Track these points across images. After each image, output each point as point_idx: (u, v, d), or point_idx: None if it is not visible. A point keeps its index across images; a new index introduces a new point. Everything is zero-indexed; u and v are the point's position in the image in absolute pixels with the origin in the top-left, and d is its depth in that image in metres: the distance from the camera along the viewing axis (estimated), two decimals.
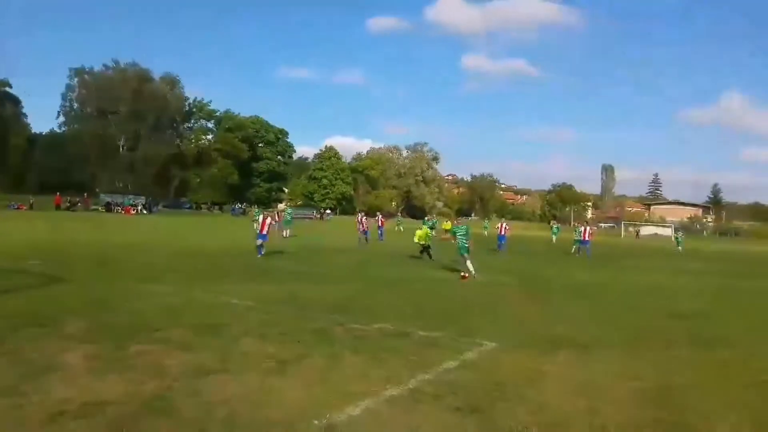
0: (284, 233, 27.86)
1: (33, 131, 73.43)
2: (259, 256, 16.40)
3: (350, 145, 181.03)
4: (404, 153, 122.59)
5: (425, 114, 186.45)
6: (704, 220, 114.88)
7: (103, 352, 5.50)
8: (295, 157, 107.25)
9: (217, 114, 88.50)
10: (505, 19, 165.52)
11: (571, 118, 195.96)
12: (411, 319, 8.20)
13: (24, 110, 69.28)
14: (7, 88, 60.70)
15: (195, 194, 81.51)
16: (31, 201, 48.39)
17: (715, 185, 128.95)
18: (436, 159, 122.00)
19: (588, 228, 27.49)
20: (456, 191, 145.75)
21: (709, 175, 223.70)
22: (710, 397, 5.23)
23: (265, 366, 5.37)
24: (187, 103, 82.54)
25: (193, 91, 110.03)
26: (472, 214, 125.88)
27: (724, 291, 15.03)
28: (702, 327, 8.88)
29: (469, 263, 13.82)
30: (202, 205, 78.40)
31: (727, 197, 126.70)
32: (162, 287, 9.92)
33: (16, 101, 64.35)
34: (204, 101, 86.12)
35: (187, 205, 77.69)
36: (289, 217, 30.66)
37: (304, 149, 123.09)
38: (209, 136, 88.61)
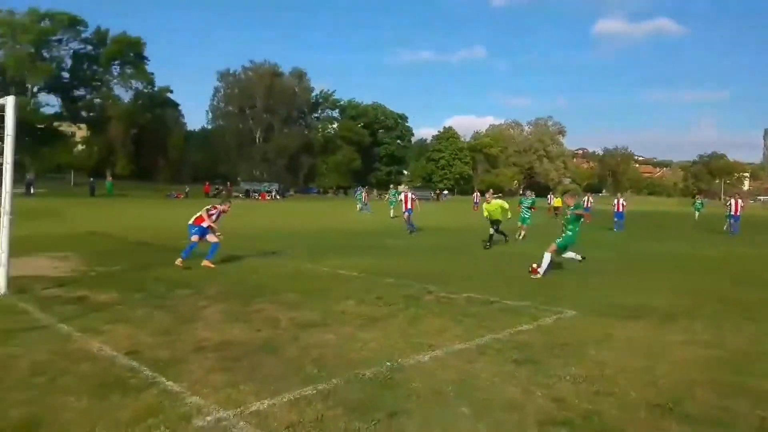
0: (390, 213, 29.69)
1: (188, 129, 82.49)
2: (411, 232, 19.16)
3: (471, 123, 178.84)
4: (526, 128, 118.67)
5: (551, 86, 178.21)
6: None
7: (232, 308, 6.97)
8: (414, 139, 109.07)
9: (341, 103, 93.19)
10: None
11: (724, 78, 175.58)
12: (498, 289, 8.84)
13: (182, 112, 77.93)
14: (168, 94, 68.87)
15: (322, 180, 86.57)
16: (187, 190, 54.77)
17: None
18: (561, 133, 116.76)
19: (739, 201, 25.18)
20: (585, 166, 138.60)
21: None
22: None
23: (357, 322, 6.44)
24: (313, 95, 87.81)
25: (319, 83, 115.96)
26: (603, 191, 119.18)
27: None
28: None
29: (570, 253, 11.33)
30: (329, 190, 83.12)
31: None
32: (281, 260, 11.59)
33: (175, 105, 72.85)
34: (329, 92, 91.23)
35: (315, 190, 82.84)
36: (393, 198, 32.06)
37: (425, 131, 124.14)
38: (334, 125, 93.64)
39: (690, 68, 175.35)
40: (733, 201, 24.80)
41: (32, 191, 41.01)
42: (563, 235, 10.67)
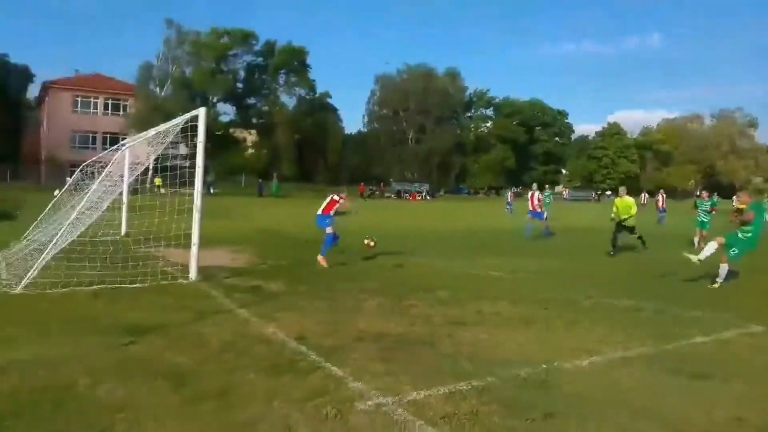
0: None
1: (345, 133, 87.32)
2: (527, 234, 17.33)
3: (639, 119, 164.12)
4: (707, 121, 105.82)
5: (740, 74, 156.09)
6: None
7: (388, 302, 7.30)
8: (574, 137, 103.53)
9: (496, 101, 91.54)
10: None
11: None
12: (665, 297, 8.18)
13: (340, 116, 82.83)
14: (328, 99, 73.73)
15: (473, 180, 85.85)
16: (344, 191, 57.97)
17: None
18: (752, 125, 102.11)
19: None
20: None
21: None
22: None
23: (511, 323, 6.40)
24: (467, 94, 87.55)
25: (474, 81, 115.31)
26: None
27: None
28: None
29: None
30: (479, 190, 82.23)
31: None
32: (431, 259, 11.80)
33: (334, 109, 77.74)
34: (483, 90, 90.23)
35: (465, 191, 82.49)
36: (547, 200, 30.75)
37: (586, 128, 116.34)
38: (488, 123, 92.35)
39: None
40: None
41: (212, 191, 46.36)
42: (738, 239, 9.05)
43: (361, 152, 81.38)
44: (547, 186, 33.51)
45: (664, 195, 28.06)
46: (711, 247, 9.21)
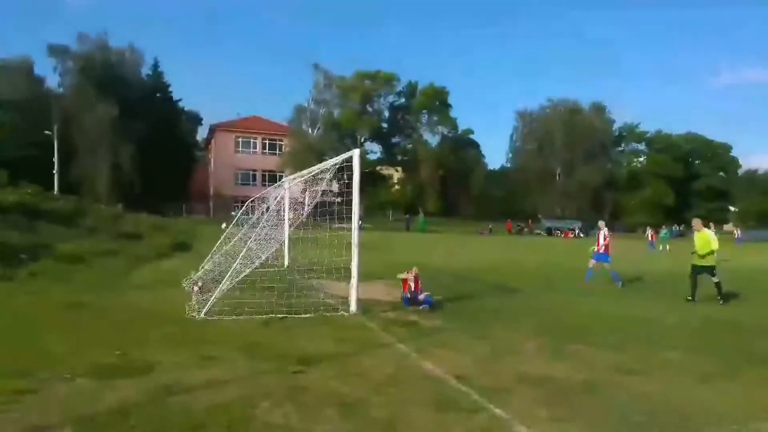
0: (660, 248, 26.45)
1: (489, 168, 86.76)
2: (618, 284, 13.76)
3: None
4: None
5: None
6: None
7: (548, 344, 7.06)
8: (743, 170, 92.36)
9: (648, 135, 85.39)
10: None
11: None
12: None
13: (482, 152, 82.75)
14: (470, 135, 74.40)
15: (629, 217, 79.94)
16: (490, 227, 57.22)
17: None
18: None
19: None
20: None
21: None
22: None
23: (687, 374, 5.83)
24: (616, 128, 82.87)
25: (624, 114, 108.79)
26: None
27: None
28: None
29: None
30: (637, 228, 76.02)
31: None
32: (592, 299, 11.19)
33: (476, 145, 77.99)
34: (633, 124, 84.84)
35: (621, 228, 76.81)
36: (664, 236, 28.63)
37: (757, 160, 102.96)
38: (641, 159, 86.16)
39: None
40: None
41: (362, 225, 48.16)
42: None
43: (505, 187, 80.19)
44: (663, 225, 30.80)
45: None
46: None
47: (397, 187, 71.72)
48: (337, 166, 10.05)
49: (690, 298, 11.21)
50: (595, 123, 78.30)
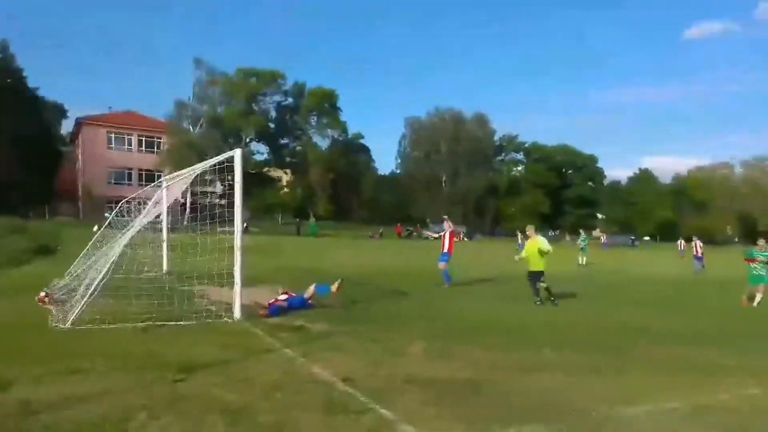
0: (580, 260, 27.81)
1: (379, 173, 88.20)
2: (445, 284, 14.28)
3: (672, 165, 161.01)
4: (738, 169, 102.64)
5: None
6: None
7: (436, 346, 7.24)
8: (607, 181, 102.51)
9: (526, 146, 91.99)
10: None
11: None
12: (716, 344, 8.02)
13: (373, 156, 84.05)
14: (360, 140, 75.16)
15: (509, 223, 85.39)
16: (381, 231, 58.18)
17: None
18: None
19: None
20: None
21: None
22: None
23: (565, 370, 6.25)
24: (497, 138, 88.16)
25: (504, 126, 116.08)
26: None
27: None
28: None
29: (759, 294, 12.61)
30: (517, 232, 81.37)
31: None
32: (478, 302, 11.72)
33: (366, 150, 79.10)
34: (512, 135, 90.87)
35: (503, 233, 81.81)
36: (583, 244, 30.02)
37: (618, 172, 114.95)
38: (519, 168, 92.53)
39: None
40: None
41: (249, 230, 46.73)
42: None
43: (395, 193, 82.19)
44: (581, 231, 32.79)
45: (699, 242, 26.78)
46: None
47: (286, 189, 70.56)
48: (218, 166, 9.69)
49: (538, 301, 11.62)
50: (478, 132, 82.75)
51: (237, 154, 9.04)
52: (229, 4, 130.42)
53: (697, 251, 26.06)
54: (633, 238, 79.61)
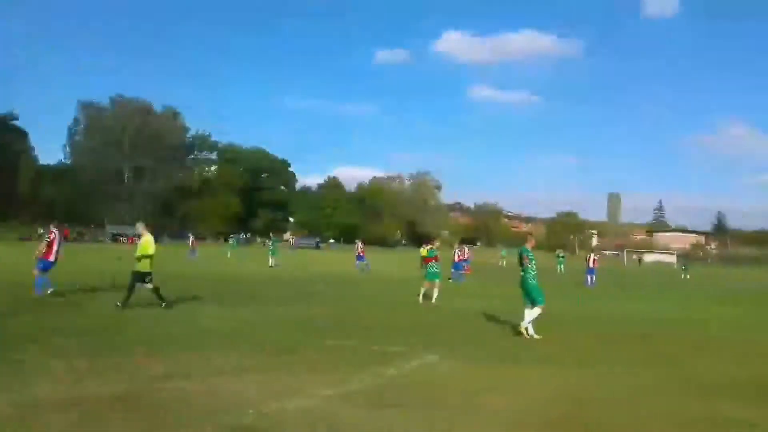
0: (270, 263, 28.77)
1: (41, 163, 74.98)
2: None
3: (357, 175, 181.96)
4: (407, 182, 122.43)
5: (433, 144, 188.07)
6: (708, 247, 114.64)
7: (85, 362, 6.39)
8: (300, 186, 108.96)
9: (219, 146, 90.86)
10: (508, 52, 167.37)
11: (576, 146, 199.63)
12: (377, 336, 9.07)
13: (32, 143, 71.12)
14: (15, 121, 62.68)
15: (200, 225, 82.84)
16: (40, 232, 49.40)
17: (720, 212, 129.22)
18: (438, 187, 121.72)
19: (594, 256, 27.81)
20: (462, 220, 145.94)
21: (714, 201, 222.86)
22: (625, 407, 5.64)
23: (223, 372, 6.21)
24: (189, 136, 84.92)
25: (199, 123, 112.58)
26: (478, 243, 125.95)
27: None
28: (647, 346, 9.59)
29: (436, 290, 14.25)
30: (207, 236, 79.42)
31: (732, 223, 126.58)
32: (139, 309, 10.66)
33: (23, 134, 66.35)
34: (205, 134, 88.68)
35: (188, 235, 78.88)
36: (272, 246, 31.26)
37: (312, 179, 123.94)
38: (212, 168, 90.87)
39: (548, 135, 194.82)
40: (591, 255, 27.55)
41: None
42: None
43: (63, 187, 70.85)
44: (272, 234, 34.11)
45: (361, 244, 30.42)
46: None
47: None
48: None
49: (119, 303, 10.36)
50: (168, 127, 78.17)
51: None
52: None
53: (359, 252, 29.33)
54: (318, 240, 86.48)
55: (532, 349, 8.60)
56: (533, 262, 9.95)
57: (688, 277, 38.44)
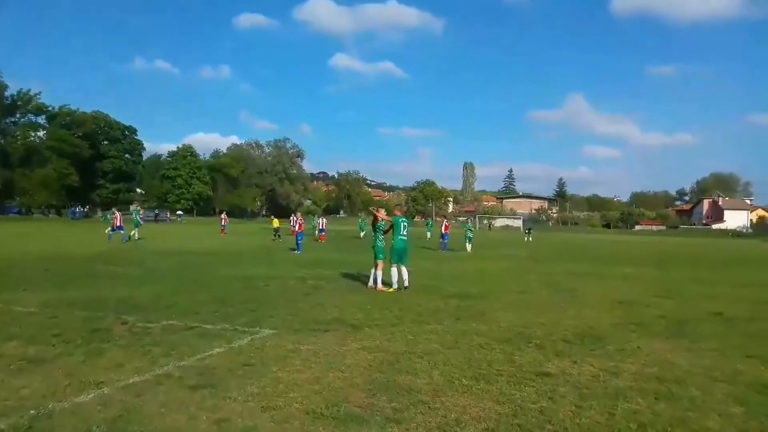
0: (132, 234, 27.27)
1: None
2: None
3: (214, 142, 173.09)
4: (266, 150, 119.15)
5: (295, 112, 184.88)
6: (550, 211, 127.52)
7: None
8: (149, 155, 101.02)
9: (50, 109, 79.96)
10: (373, 22, 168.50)
11: (437, 119, 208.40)
12: (205, 314, 8.71)
13: None
14: None
15: (26, 197, 73.43)
16: None
17: (561, 179, 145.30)
18: (300, 156, 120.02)
19: (446, 222, 29.46)
20: (325, 189, 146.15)
21: (556, 170, 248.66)
22: (425, 357, 6.35)
23: (14, 366, 5.63)
24: (8, 95, 73.63)
25: (25, 83, 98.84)
26: (341, 212, 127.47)
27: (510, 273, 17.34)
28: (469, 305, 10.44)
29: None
30: (35, 210, 71.03)
31: (570, 190, 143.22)
32: None
33: None
34: (31, 93, 77.24)
35: (16, 210, 70.03)
36: (137, 218, 29.58)
37: (164, 147, 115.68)
38: (40, 133, 79.98)
39: (411, 108, 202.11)
40: (444, 222, 29.30)
41: None
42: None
43: None
44: (135, 203, 31.92)
45: (225, 216, 30.12)
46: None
47: None
48: None
49: None
50: None
51: None
52: None
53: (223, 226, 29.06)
54: (181, 213, 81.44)
55: (369, 314, 8.93)
56: (408, 228, 12.15)
57: (531, 239, 42.02)
